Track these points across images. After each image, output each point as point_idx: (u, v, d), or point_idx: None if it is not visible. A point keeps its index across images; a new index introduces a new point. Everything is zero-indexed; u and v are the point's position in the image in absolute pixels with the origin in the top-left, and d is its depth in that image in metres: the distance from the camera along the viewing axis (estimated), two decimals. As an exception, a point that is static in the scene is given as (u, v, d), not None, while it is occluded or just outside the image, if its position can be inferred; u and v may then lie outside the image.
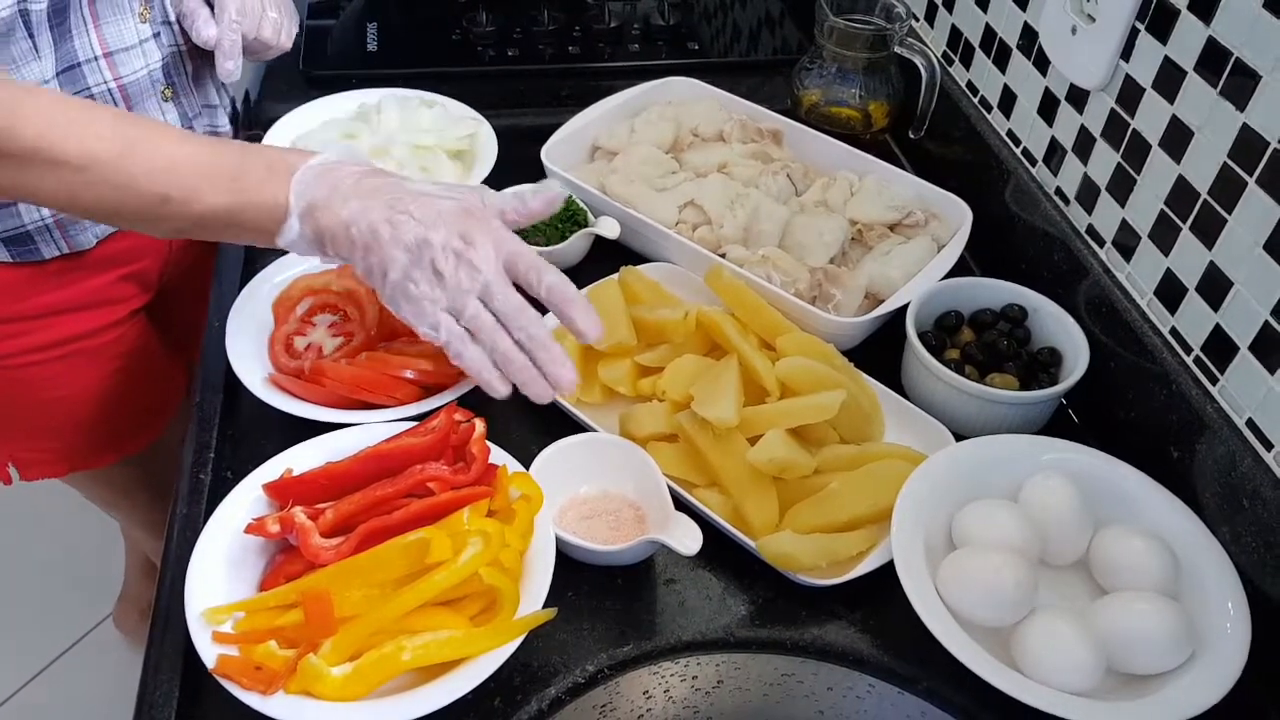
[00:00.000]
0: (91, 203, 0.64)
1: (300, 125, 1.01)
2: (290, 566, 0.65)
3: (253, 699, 0.58)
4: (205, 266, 0.96)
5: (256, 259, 0.91)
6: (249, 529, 0.65)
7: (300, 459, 0.70)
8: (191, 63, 0.91)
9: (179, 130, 0.68)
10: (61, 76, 0.78)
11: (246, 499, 0.68)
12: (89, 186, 0.63)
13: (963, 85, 1.02)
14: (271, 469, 0.69)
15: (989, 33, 0.96)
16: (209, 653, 0.59)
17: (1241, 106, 0.67)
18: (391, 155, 0.96)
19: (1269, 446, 0.68)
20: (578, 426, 0.78)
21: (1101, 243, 0.83)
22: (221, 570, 0.64)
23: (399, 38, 1.21)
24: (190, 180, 0.64)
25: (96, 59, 0.80)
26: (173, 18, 0.88)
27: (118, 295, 0.93)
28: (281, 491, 0.68)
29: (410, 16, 1.28)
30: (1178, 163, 0.73)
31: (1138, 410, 0.78)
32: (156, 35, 0.85)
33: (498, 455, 0.70)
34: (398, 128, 1.00)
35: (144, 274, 0.96)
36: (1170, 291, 0.76)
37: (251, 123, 1.07)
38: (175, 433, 1.09)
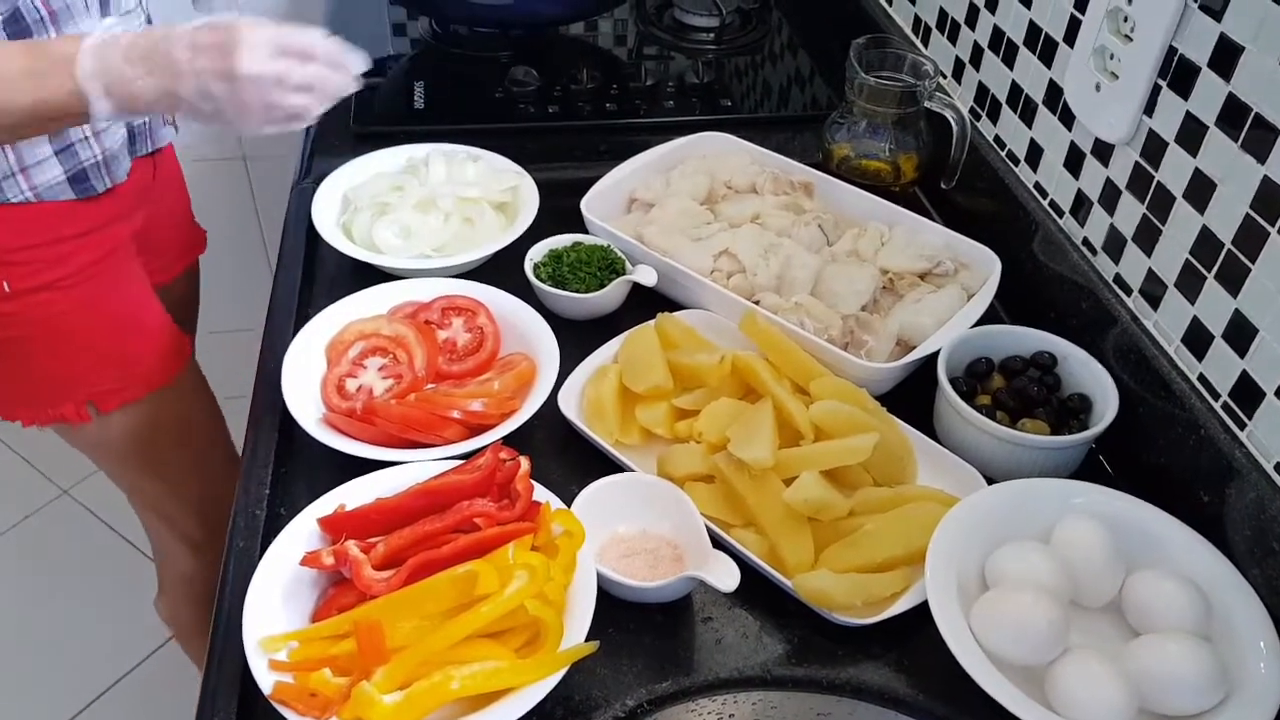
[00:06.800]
0: None
1: (351, 179, 1.05)
2: (342, 598, 0.67)
3: (308, 725, 0.60)
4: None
5: (309, 303, 0.95)
6: (304, 561, 0.68)
7: (352, 495, 0.73)
8: None
9: None
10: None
11: (301, 533, 0.70)
12: None
13: (990, 139, 1.05)
14: (325, 504, 0.72)
15: (1015, 89, 0.99)
16: (266, 679, 0.62)
17: (1262, 159, 0.69)
18: (439, 206, 1.00)
19: (1298, 490, 0.68)
20: (617, 467, 0.80)
21: (1129, 291, 0.85)
22: (277, 601, 0.67)
23: (445, 96, 1.26)
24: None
25: None
26: None
27: (129, 208, 1.01)
28: (335, 526, 0.70)
29: (455, 75, 1.33)
30: (1201, 213, 0.75)
31: (1167, 455, 0.79)
32: None
33: (540, 493, 0.72)
34: (444, 180, 1.04)
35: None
36: (1197, 339, 0.77)
37: (304, 176, 1.12)
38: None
